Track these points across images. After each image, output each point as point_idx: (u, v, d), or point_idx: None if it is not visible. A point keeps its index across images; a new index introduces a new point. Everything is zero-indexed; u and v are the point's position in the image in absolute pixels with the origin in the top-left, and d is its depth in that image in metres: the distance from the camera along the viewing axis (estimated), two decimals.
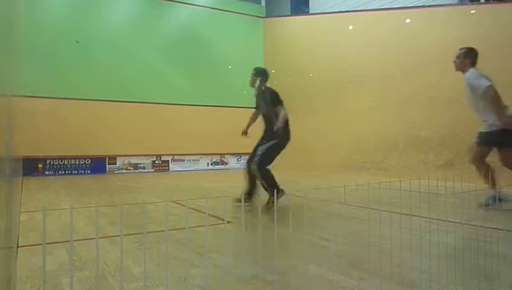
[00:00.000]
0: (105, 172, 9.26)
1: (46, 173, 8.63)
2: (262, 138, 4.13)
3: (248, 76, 4.38)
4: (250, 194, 4.10)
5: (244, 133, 4.46)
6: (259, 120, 4.34)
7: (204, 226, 2.98)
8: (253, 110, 4.49)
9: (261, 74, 4.24)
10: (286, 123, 4.01)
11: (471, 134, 6.38)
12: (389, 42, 7.92)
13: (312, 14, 11.39)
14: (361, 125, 8.42)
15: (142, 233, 2.73)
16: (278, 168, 4.46)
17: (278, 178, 4.35)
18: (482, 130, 3.91)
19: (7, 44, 1.86)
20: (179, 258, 2.18)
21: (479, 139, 3.92)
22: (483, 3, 7.81)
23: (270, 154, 3.98)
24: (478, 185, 5.11)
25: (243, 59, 11.21)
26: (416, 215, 3.33)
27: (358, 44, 8.63)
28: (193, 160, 10.48)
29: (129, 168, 9.59)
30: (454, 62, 4.16)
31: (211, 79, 10.75)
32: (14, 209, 2.57)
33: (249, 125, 4.50)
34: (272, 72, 4.66)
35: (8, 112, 1.97)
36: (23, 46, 7.53)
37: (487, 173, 3.71)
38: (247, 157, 4.26)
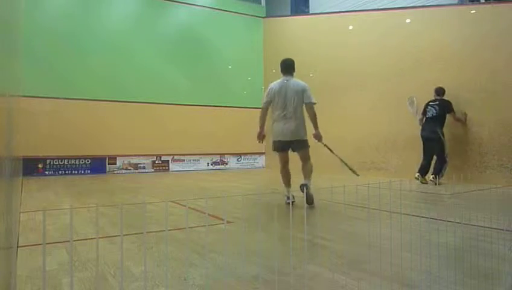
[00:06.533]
0: (105, 172, 9.26)
1: (46, 173, 8.63)
2: None
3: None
4: None
5: None
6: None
7: (205, 226, 2.98)
8: None
9: None
10: None
11: (468, 133, 6.40)
12: (389, 42, 7.92)
13: (312, 14, 11.38)
14: (361, 125, 8.42)
15: (142, 233, 2.73)
16: (277, 168, 4.46)
17: (275, 178, 4.37)
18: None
19: (7, 44, 1.86)
20: (179, 258, 2.18)
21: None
22: (483, 3, 7.80)
23: None
24: (478, 185, 5.11)
25: (243, 59, 11.22)
26: (416, 215, 3.33)
27: (358, 44, 8.63)
28: (193, 160, 10.48)
29: (129, 168, 9.59)
30: None
31: (211, 79, 10.74)
32: (14, 209, 2.57)
33: None
34: (272, 71, 4.65)
35: (8, 112, 1.97)
36: (23, 46, 7.53)
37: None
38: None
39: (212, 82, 10.75)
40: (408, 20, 7.66)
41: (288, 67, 4.26)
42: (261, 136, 4.25)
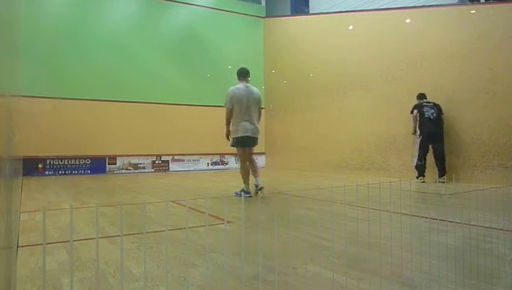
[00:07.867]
0: (105, 172, 9.25)
1: (46, 173, 8.63)
2: None
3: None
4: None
5: None
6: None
7: (204, 226, 2.98)
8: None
9: None
10: None
11: (469, 133, 6.41)
12: (389, 42, 7.92)
13: (312, 14, 11.38)
14: (361, 125, 8.42)
15: (142, 233, 2.73)
16: (276, 168, 4.48)
17: (275, 178, 4.37)
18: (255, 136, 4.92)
19: (7, 44, 1.86)
20: (179, 258, 2.18)
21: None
22: (483, 3, 7.80)
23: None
24: (478, 185, 5.11)
25: (243, 59, 11.20)
26: (416, 215, 3.33)
27: (358, 44, 8.63)
28: (193, 160, 10.47)
29: (129, 168, 9.59)
30: None
31: (211, 79, 10.74)
32: (14, 209, 2.57)
33: None
34: (272, 72, 4.69)
35: (8, 112, 1.97)
36: (23, 46, 7.53)
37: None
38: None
39: (212, 82, 10.75)
40: (408, 20, 7.66)
41: (246, 74, 5.12)
42: (229, 134, 4.93)
